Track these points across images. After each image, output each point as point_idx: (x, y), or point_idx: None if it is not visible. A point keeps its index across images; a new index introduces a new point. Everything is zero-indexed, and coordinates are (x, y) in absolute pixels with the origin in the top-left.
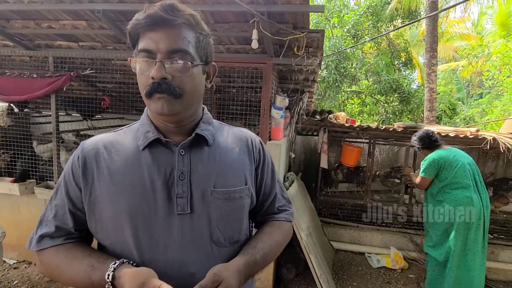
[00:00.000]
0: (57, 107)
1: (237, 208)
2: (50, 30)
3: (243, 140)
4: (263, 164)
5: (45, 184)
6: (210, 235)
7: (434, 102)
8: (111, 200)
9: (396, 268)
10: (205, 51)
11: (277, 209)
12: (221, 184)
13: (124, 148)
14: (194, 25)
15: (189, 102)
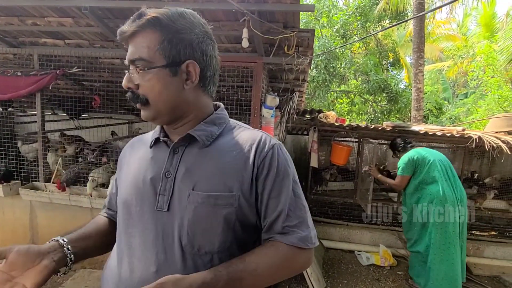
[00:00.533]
0: (42, 106)
1: (214, 216)
2: (35, 27)
3: (247, 144)
4: (267, 175)
5: (30, 185)
6: (179, 238)
7: (421, 101)
8: (120, 187)
9: (385, 265)
10: (175, 51)
11: (284, 228)
12: (201, 187)
13: (142, 145)
14: (159, 25)
15: (159, 107)
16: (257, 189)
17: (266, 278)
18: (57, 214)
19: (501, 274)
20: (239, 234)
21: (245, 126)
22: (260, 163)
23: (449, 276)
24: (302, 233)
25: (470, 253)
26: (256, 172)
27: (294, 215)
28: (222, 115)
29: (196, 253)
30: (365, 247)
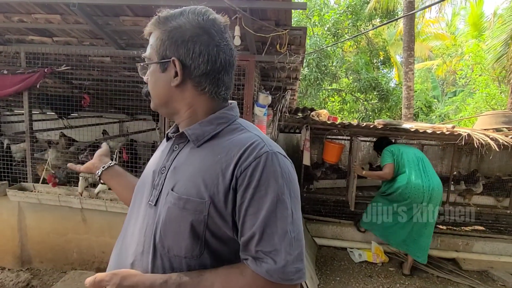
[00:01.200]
0: (30, 105)
1: (181, 220)
2: (21, 24)
3: (233, 150)
4: (246, 187)
5: (18, 185)
6: (154, 235)
7: (412, 99)
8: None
9: (377, 262)
10: (163, 48)
11: (257, 252)
12: (178, 188)
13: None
14: (158, 24)
15: (156, 100)
16: (235, 201)
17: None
18: (46, 215)
19: (489, 269)
20: (213, 244)
21: (250, 128)
22: (241, 173)
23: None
24: (274, 264)
25: (460, 249)
26: (235, 183)
27: (270, 240)
28: (226, 114)
29: (165, 254)
30: (357, 244)
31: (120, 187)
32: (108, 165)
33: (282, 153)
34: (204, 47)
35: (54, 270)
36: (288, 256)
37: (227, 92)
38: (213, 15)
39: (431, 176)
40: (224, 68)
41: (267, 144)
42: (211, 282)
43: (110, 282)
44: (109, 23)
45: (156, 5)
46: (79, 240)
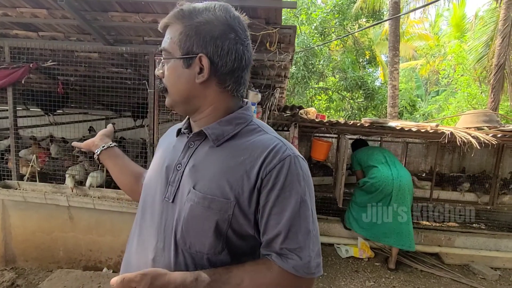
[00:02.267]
0: (14, 101)
1: (205, 219)
2: (5, 18)
3: (256, 152)
4: (271, 188)
5: (2, 183)
6: (175, 231)
7: (397, 98)
8: (148, 171)
9: (363, 257)
10: (189, 43)
11: (281, 249)
12: (201, 187)
13: (173, 135)
14: (182, 18)
15: (174, 97)
16: (259, 201)
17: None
18: (32, 213)
19: (471, 263)
20: (235, 242)
21: (267, 129)
22: (266, 175)
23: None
24: (300, 260)
25: (442, 244)
26: (260, 184)
27: (294, 238)
28: (243, 115)
29: (187, 250)
30: (344, 240)
31: (116, 168)
32: (108, 145)
33: (301, 157)
34: (232, 45)
35: (39, 269)
36: (312, 252)
37: (244, 90)
38: (237, 13)
39: (398, 168)
40: (247, 67)
41: (288, 148)
42: (240, 278)
43: (140, 283)
44: (97, 19)
45: (146, 1)
46: (65, 238)
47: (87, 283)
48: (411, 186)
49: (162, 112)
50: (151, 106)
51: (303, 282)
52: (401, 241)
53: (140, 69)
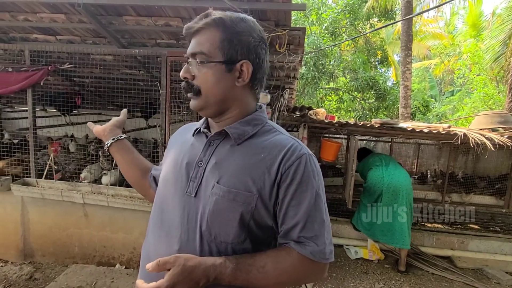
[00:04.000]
0: (33, 102)
1: (230, 211)
2: (26, 23)
3: (276, 149)
4: (290, 183)
5: (21, 180)
6: (200, 223)
7: (409, 99)
8: (164, 164)
9: (373, 259)
10: (233, 50)
11: (299, 238)
12: (225, 181)
13: (188, 133)
14: (222, 25)
15: (209, 99)
16: (277, 194)
17: (272, 278)
18: (49, 210)
19: (484, 267)
20: (255, 232)
21: (281, 130)
22: (285, 171)
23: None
24: (316, 247)
25: (455, 247)
26: (280, 179)
27: (311, 227)
28: (260, 116)
29: (212, 240)
30: (354, 241)
31: (125, 161)
32: (118, 137)
33: (313, 155)
34: (264, 54)
35: (56, 263)
36: (326, 240)
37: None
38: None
39: (391, 169)
40: (268, 71)
41: (303, 147)
42: (264, 262)
43: (175, 263)
44: (112, 23)
45: (159, 5)
46: (80, 235)
47: (101, 278)
48: (408, 187)
49: (173, 113)
50: (163, 107)
51: (318, 267)
52: (394, 239)
53: (152, 71)
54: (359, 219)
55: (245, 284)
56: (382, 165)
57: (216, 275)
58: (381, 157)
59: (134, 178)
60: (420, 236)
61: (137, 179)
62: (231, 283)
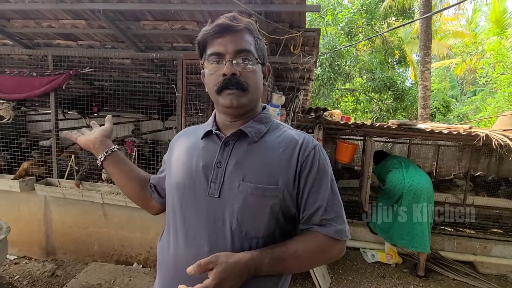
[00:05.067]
0: (56, 105)
1: (261, 205)
2: (49, 29)
3: (292, 143)
4: (309, 172)
5: (44, 181)
6: (230, 222)
7: (428, 99)
8: (171, 172)
9: (391, 263)
10: (262, 53)
11: (321, 221)
12: (250, 179)
13: (193, 136)
14: (252, 30)
15: (253, 96)
16: (299, 184)
17: (304, 262)
18: (70, 209)
19: (509, 273)
20: (282, 222)
21: (288, 126)
22: (304, 161)
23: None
24: (338, 226)
25: (477, 252)
26: (300, 169)
27: (331, 210)
28: (268, 115)
29: (244, 237)
30: (370, 244)
31: (122, 175)
32: (111, 149)
33: (321, 145)
34: None
35: (76, 261)
36: (345, 219)
37: None
38: None
39: (412, 171)
40: None
41: (313, 139)
42: (295, 247)
43: (217, 262)
44: (130, 27)
45: (175, 9)
46: (99, 234)
47: (119, 276)
48: (429, 189)
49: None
50: (179, 109)
51: (341, 244)
52: (413, 243)
53: (168, 73)
54: (376, 222)
55: (282, 270)
56: (401, 167)
57: (256, 267)
58: (399, 160)
59: (134, 191)
60: (440, 240)
61: (137, 192)
62: (269, 272)
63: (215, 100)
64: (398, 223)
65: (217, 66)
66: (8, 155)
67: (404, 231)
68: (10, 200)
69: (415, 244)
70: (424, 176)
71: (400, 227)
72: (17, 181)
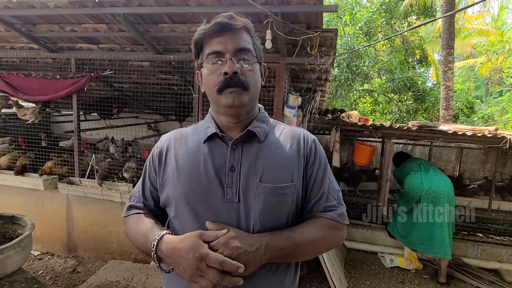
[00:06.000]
0: (78, 106)
1: (281, 204)
2: (72, 33)
3: (295, 137)
4: (313, 162)
5: (67, 179)
6: (252, 224)
7: (451, 100)
8: (174, 182)
9: (410, 269)
10: (259, 52)
11: (325, 208)
12: (267, 179)
13: (190, 141)
14: (250, 29)
15: (253, 94)
16: (305, 174)
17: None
18: (91, 208)
19: None
20: (294, 213)
21: (282, 123)
22: (308, 153)
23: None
24: (340, 210)
25: (503, 259)
26: (307, 161)
27: (332, 196)
28: (266, 114)
29: None
30: (389, 249)
31: None
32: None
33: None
34: None
35: (96, 258)
36: (343, 204)
37: None
38: None
39: (431, 174)
40: None
41: (309, 133)
42: (302, 230)
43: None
44: (149, 30)
45: (192, 12)
46: (118, 232)
47: (137, 274)
48: (450, 193)
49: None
50: (195, 110)
51: (342, 227)
52: (433, 248)
53: (185, 75)
54: (394, 226)
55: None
56: (420, 170)
57: (267, 241)
58: (419, 162)
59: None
60: (463, 247)
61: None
62: (278, 246)
63: (215, 100)
64: (417, 227)
65: (217, 65)
66: (33, 154)
67: (423, 236)
68: (34, 197)
69: (435, 249)
70: (444, 179)
71: (419, 232)
72: (41, 180)
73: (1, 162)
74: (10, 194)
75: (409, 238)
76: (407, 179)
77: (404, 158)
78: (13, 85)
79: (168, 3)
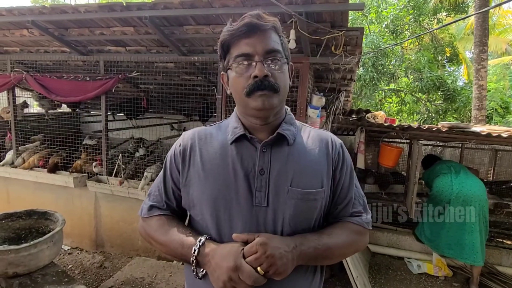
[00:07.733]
0: (106, 107)
1: (311, 209)
2: (101, 37)
3: (323, 141)
4: (341, 167)
5: (95, 178)
6: (281, 229)
7: (484, 100)
8: (200, 183)
9: (439, 276)
10: (287, 52)
11: (352, 214)
12: (297, 183)
13: (216, 141)
14: (278, 29)
15: (283, 97)
16: (334, 178)
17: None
18: (117, 205)
19: None
20: (321, 216)
21: (307, 125)
22: (336, 158)
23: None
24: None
25: None
26: (335, 165)
27: (358, 202)
28: (292, 115)
29: None
30: (416, 254)
31: None
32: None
33: None
34: None
35: (122, 254)
36: (369, 210)
37: None
38: None
39: (462, 177)
40: None
41: (335, 136)
42: (330, 232)
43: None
44: (174, 32)
45: (216, 13)
46: None
47: (160, 272)
48: (483, 197)
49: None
50: (218, 110)
51: (366, 233)
52: (463, 254)
53: (209, 76)
54: (422, 230)
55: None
56: (451, 172)
57: (301, 241)
58: (449, 165)
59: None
60: (497, 254)
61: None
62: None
63: (244, 102)
64: (445, 231)
65: (246, 68)
66: (65, 153)
67: (452, 241)
68: (65, 194)
69: (464, 255)
70: (477, 183)
71: (448, 236)
72: (71, 177)
73: (33, 160)
74: (43, 190)
75: (436, 242)
76: (436, 182)
77: (433, 160)
78: (46, 87)
79: (193, 5)
